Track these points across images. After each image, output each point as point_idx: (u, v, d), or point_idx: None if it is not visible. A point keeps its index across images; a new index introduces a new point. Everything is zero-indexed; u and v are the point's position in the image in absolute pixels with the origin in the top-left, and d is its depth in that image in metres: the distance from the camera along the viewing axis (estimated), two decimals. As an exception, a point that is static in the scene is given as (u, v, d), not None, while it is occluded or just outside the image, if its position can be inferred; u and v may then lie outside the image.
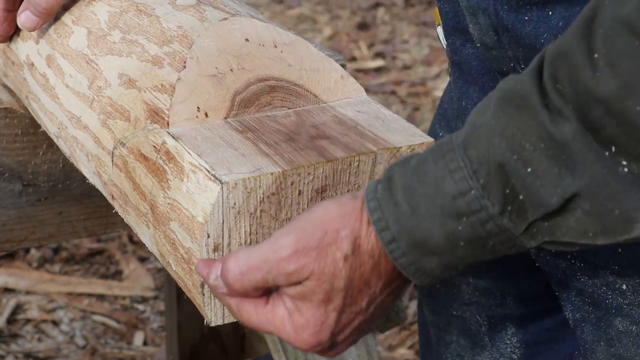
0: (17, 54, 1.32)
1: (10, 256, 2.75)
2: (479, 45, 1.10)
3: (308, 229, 0.87)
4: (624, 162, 0.78)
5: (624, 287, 1.06)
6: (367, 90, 1.13)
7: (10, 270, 2.70)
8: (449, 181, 0.83)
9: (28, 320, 2.56)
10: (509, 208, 0.82)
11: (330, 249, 0.87)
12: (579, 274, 1.11)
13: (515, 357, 1.30)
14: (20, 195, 1.45)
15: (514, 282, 1.27)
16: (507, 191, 0.82)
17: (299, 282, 0.88)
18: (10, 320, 2.56)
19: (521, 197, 0.81)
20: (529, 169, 0.80)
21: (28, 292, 2.65)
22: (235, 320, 1.00)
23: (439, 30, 1.25)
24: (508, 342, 1.30)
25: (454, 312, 1.32)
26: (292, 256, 0.87)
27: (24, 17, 1.23)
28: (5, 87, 1.44)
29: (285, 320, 0.89)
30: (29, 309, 2.60)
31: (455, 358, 1.33)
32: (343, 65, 1.34)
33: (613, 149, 0.78)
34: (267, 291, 0.92)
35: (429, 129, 1.31)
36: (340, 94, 1.10)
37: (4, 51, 1.36)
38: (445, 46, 1.25)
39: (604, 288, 1.08)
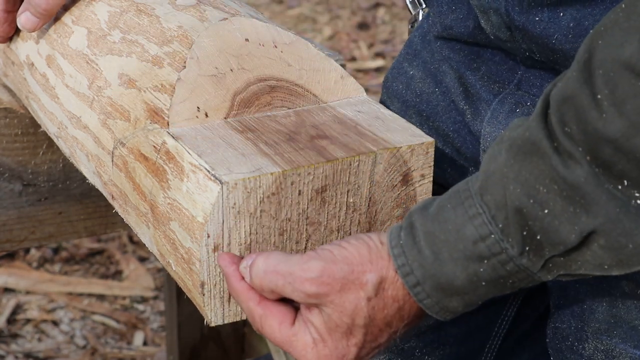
0: (17, 54, 1.32)
1: (10, 256, 2.75)
2: (492, 37, 1.12)
3: (337, 262, 0.92)
4: (637, 195, 0.82)
5: None
6: (367, 90, 1.14)
7: (10, 270, 2.70)
8: (469, 227, 0.88)
9: (28, 320, 2.56)
10: (527, 248, 0.87)
11: (354, 285, 0.92)
12: None
13: None
14: (20, 195, 1.45)
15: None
16: (525, 233, 0.86)
17: (316, 306, 0.93)
18: (10, 320, 2.56)
19: (539, 237, 0.86)
20: (546, 210, 0.85)
21: (28, 292, 2.65)
22: (234, 321, 1.00)
23: None
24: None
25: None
26: (315, 280, 0.92)
27: (24, 18, 1.23)
28: (5, 87, 1.44)
29: (308, 347, 0.95)
30: (29, 309, 2.60)
31: None
32: (343, 65, 1.33)
33: (625, 182, 0.82)
34: (285, 300, 0.96)
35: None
36: (340, 94, 1.10)
37: (4, 51, 1.36)
38: (411, 10, 1.32)
39: None
